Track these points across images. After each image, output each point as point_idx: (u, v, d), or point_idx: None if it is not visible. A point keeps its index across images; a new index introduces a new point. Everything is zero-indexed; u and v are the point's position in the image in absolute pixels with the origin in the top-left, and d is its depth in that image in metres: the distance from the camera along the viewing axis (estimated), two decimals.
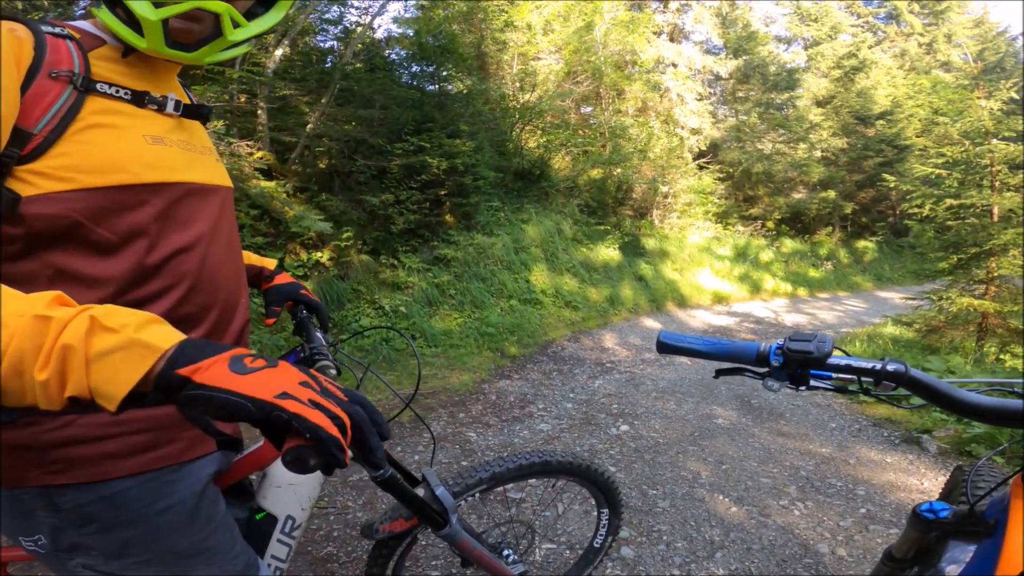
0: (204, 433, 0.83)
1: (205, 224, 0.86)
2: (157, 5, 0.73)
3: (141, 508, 0.79)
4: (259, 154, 5.28)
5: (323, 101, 5.99)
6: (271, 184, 5.14)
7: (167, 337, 0.54)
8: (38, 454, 0.74)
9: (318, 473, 1.09)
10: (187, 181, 0.83)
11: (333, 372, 0.93)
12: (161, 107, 0.82)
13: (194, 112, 0.88)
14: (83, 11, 4.51)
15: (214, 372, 0.52)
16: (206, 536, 0.87)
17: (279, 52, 5.81)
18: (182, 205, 0.82)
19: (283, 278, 1.29)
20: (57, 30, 0.76)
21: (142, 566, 0.82)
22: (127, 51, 0.80)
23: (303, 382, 0.55)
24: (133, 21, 0.75)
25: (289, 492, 1.07)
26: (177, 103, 0.84)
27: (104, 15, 0.77)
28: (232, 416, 0.51)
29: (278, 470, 1.08)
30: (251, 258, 1.28)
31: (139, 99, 0.79)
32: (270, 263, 1.30)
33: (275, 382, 0.53)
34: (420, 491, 1.17)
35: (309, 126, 5.88)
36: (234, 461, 1.07)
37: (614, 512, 1.67)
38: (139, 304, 0.76)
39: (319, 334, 1.15)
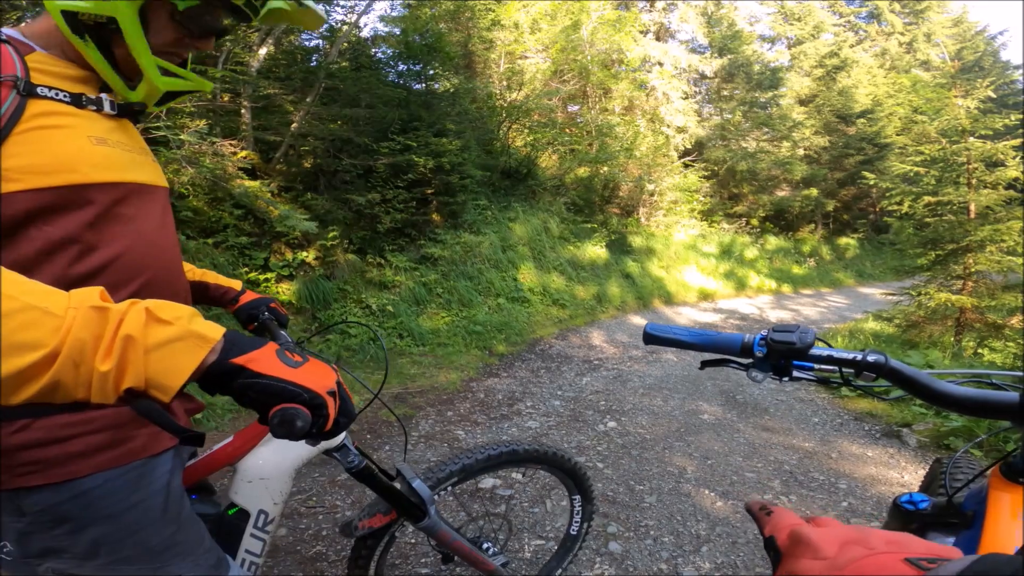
0: (164, 430, 0.83)
1: (150, 223, 0.87)
2: (164, 72, 0.83)
3: (113, 504, 0.80)
4: (243, 153, 5.22)
5: (308, 100, 5.93)
6: (255, 183, 5.08)
7: (214, 328, 0.57)
8: (1, 458, 0.73)
9: (289, 467, 1.11)
10: (131, 181, 0.84)
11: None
12: (99, 107, 0.83)
13: (127, 111, 0.89)
14: None
15: (268, 363, 0.58)
16: (177, 529, 0.88)
17: (263, 51, 5.74)
18: (127, 204, 0.83)
19: (248, 296, 1.30)
20: None
21: (117, 565, 0.81)
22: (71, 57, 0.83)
23: (337, 381, 0.65)
24: (114, 64, 0.82)
25: (260, 487, 1.08)
26: (112, 103, 0.86)
27: (92, 53, 0.80)
28: (281, 400, 0.58)
29: (248, 465, 1.08)
30: (217, 278, 1.29)
31: (77, 100, 0.80)
32: (236, 284, 1.31)
33: (321, 377, 0.62)
34: (397, 485, 1.18)
35: (294, 125, 5.82)
36: (202, 457, 1.07)
37: (586, 498, 1.69)
38: None
39: (283, 332, 1.15)
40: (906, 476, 2.92)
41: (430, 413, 3.77)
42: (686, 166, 13.22)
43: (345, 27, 6.85)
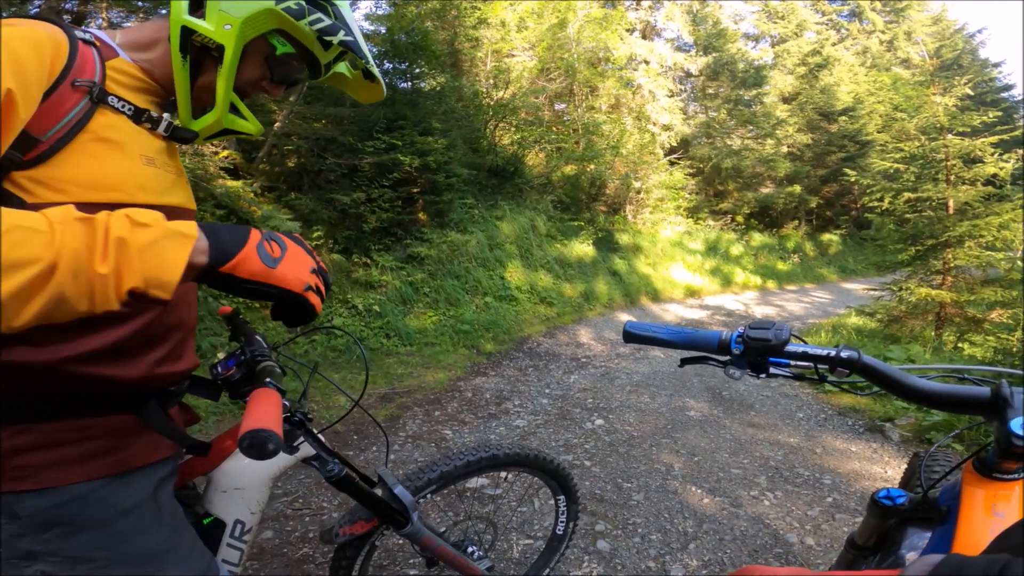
0: (169, 439, 0.82)
1: None
2: (233, 111, 0.89)
3: (105, 511, 0.80)
4: (224, 153, 5.15)
5: (292, 99, 5.87)
6: (237, 183, 5.02)
7: (190, 225, 0.61)
8: None
9: (265, 477, 1.10)
10: (170, 204, 0.84)
11: (279, 372, 0.93)
12: (155, 126, 0.84)
13: (179, 135, 0.89)
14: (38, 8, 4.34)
15: (251, 266, 0.65)
16: (170, 535, 0.88)
17: None
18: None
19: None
20: (87, 36, 0.77)
21: (108, 569, 0.81)
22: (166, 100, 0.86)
23: (313, 269, 0.74)
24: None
25: (236, 496, 1.06)
26: (169, 124, 0.86)
27: (183, 76, 0.83)
28: (265, 299, 0.69)
29: (222, 475, 1.06)
30: None
31: (138, 116, 0.81)
32: None
33: (299, 270, 0.71)
34: (378, 492, 1.17)
35: (277, 124, 5.76)
36: (181, 464, 1.06)
37: (570, 498, 1.69)
38: (109, 323, 0.76)
39: (258, 336, 1.14)
40: (889, 471, 2.96)
41: (417, 413, 3.76)
42: (672, 164, 13.30)
43: None
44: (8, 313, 0.49)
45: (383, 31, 7.60)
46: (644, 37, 14.56)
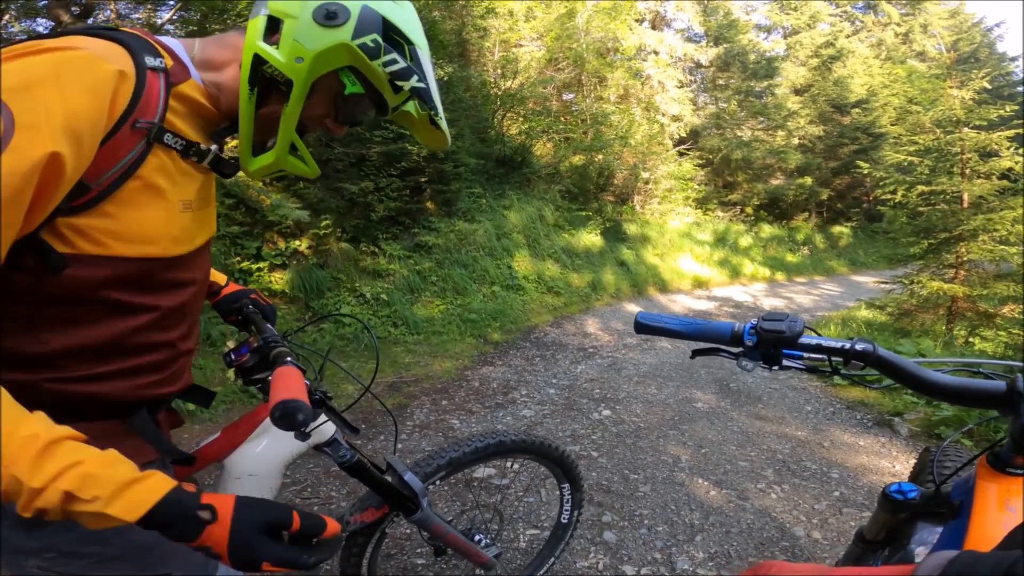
0: (155, 449, 0.82)
1: (199, 274, 0.87)
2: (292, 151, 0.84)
3: None
4: (233, 143, 5.15)
5: None
6: None
7: (139, 504, 0.57)
8: None
9: (279, 463, 1.10)
10: (196, 248, 0.83)
11: (290, 359, 0.93)
12: (201, 159, 0.79)
13: (220, 168, 0.85)
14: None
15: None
16: None
17: None
18: (187, 267, 0.82)
19: (230, 289, 1.27)
20: (157, 63, 0.70)
21: (103, 565, 0.80)
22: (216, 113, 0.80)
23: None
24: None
25: (250, 483, 1.06)
26: (216, 158, 0.82)
27: (248, 109, 0.78)
28: None
29: (237, 462, 1.07)
30: None
31: (187, 151, 0.76)
32: (220, 277, 1.28)
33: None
34: (388, 478, 1.18)
35: None
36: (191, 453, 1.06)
37: (574, 486, 1.70)
38: (121, 351, 0.76)
39: (269, 326, 1.14)
40: (897, 466, 2.95)
41: (424, 402, 3.78)
42: (681, 154, 13.20)
43: None
44: None
45: None
46: (654, 27, 14.40)
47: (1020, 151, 5.90)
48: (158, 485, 0.59)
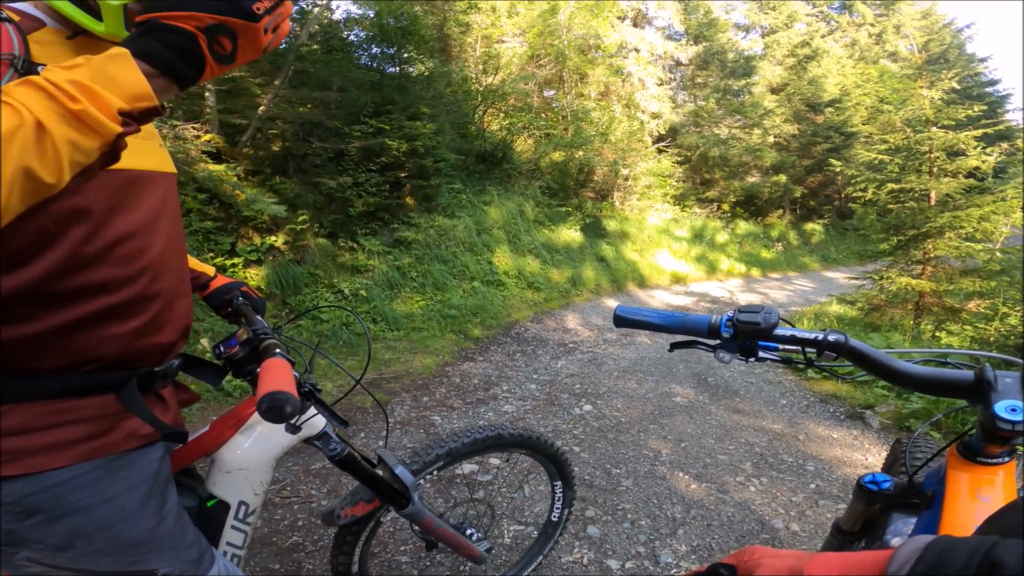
0: (146, 424, 0.81)
1: (146, 213, 0.83)
2: None
3: (87, 497, 0.79)
4: (207, 137, 5.04)
5: (277, 83, 5.74)
6: (220, 167, 4.92)
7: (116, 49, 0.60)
8: None
9: (269, 457, 1.09)
10: (131, 168, 0.79)
11: (279, 351, 0.92)
12: None
13: None
14: None
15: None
16: (157, 524, 0.86)
17: None
18: (126, 192, 0.79)
19: (220, 281, 1.26)
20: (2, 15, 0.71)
21: (92, 557, 0.80)
22: (74, 33, 0.76)
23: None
24: (87, 4, 0.72)
25: (240, 477, 1.05)
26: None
27: None
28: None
29: (226, 456, 1.06)
30: (192, 262, 1.24)
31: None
32: (209, 269, 1.27)
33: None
34: (379, 472, 1.17)
35: (261, 108, 5.64)
36: (179, 448, 1.04)
37: (567, 484, 1.71)
38: (74, 293, 0.74)
39: (259, 318, 1.13)
40: (870, 458, 3.03)
41: (405, 399, 3.76)
42: (660, 151, 13.31)
43: (316, 9, 6.64)
44: (50, 167, 0.52)
45: (372, 15, 7.46)
46: (635, 25, 14.47)
47: (987, 150, 6.09)
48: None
